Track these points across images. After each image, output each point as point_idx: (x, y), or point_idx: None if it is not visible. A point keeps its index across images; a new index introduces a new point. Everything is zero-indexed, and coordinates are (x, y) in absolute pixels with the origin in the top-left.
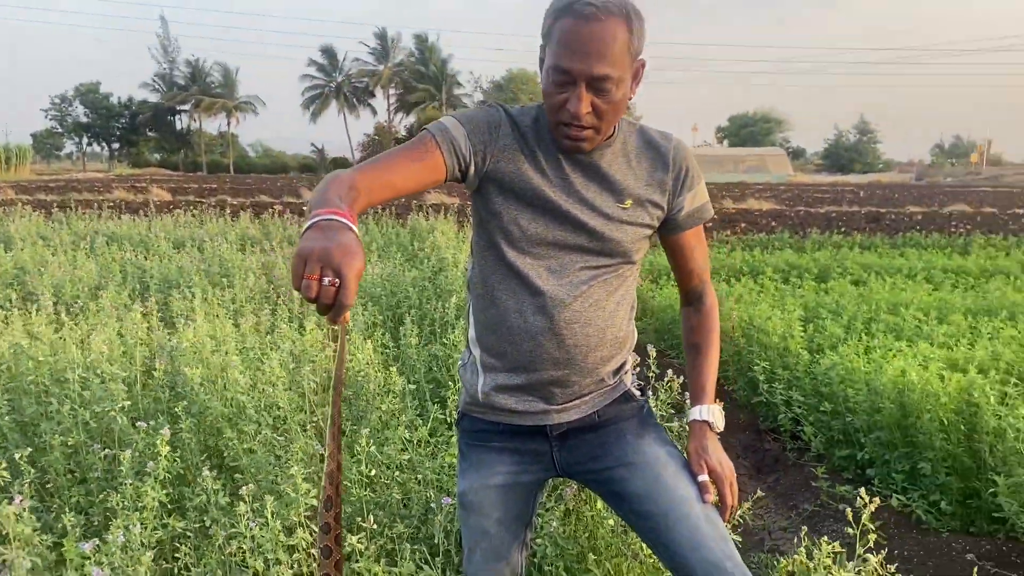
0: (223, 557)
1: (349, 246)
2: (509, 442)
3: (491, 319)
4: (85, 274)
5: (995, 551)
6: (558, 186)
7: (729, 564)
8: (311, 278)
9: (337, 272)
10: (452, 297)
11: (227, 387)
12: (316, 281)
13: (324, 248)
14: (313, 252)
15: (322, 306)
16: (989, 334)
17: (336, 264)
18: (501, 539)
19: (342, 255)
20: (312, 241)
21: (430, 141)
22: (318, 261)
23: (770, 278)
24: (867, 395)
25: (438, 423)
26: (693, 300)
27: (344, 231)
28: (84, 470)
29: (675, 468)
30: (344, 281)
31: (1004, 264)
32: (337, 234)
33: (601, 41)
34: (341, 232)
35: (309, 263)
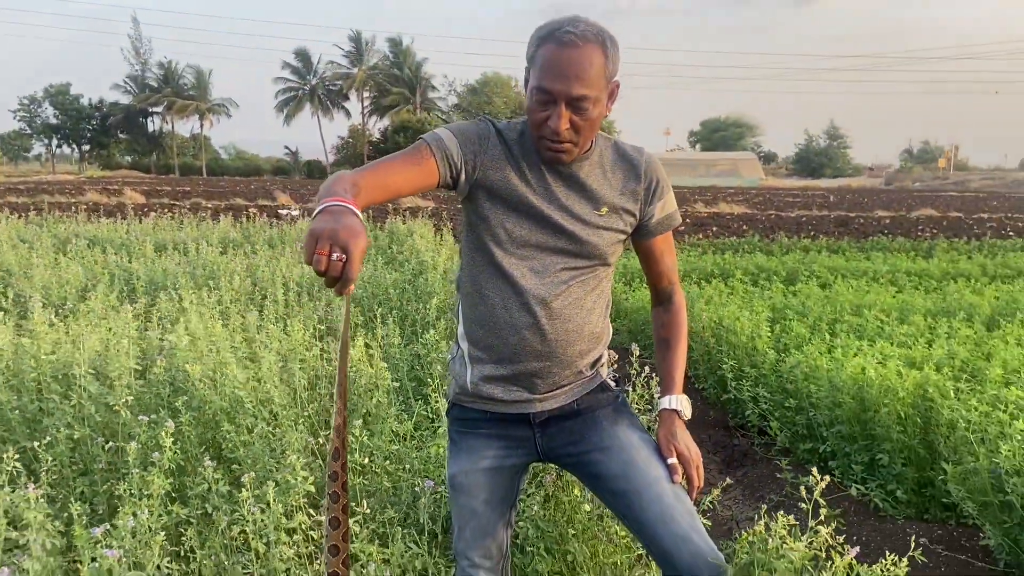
0: (226, 541)
1: (354, 227)
2: (496, 429)
3: (479, 315)
4: (72, 276)
5: (946, 536)
6: (541, 194)
7: (695, 536)
8: (321, 253)
9: (344, 249)
10: (433, 299)
11: (225, 383)
12: (326, 257)
13: (333, 228)
14: (323, 232)
15: (330, 279)
16: (947, 333)
17: (343, 242)
18: (488, 518)
19: (348, 235)
20: (322, 223)
21: (425, 149)
22: (328, 239)
23: (740, 280)
24: (828, 391)
25: (422, 418)
26: (663, 300)
27: (350, 215)
28: (88, 462)
29: (647, 452)
30: (350, 256)
31: (965, 267)
32: (343, 217)
33: (579, 66)
34: (347, 216)
35: (320, 241)
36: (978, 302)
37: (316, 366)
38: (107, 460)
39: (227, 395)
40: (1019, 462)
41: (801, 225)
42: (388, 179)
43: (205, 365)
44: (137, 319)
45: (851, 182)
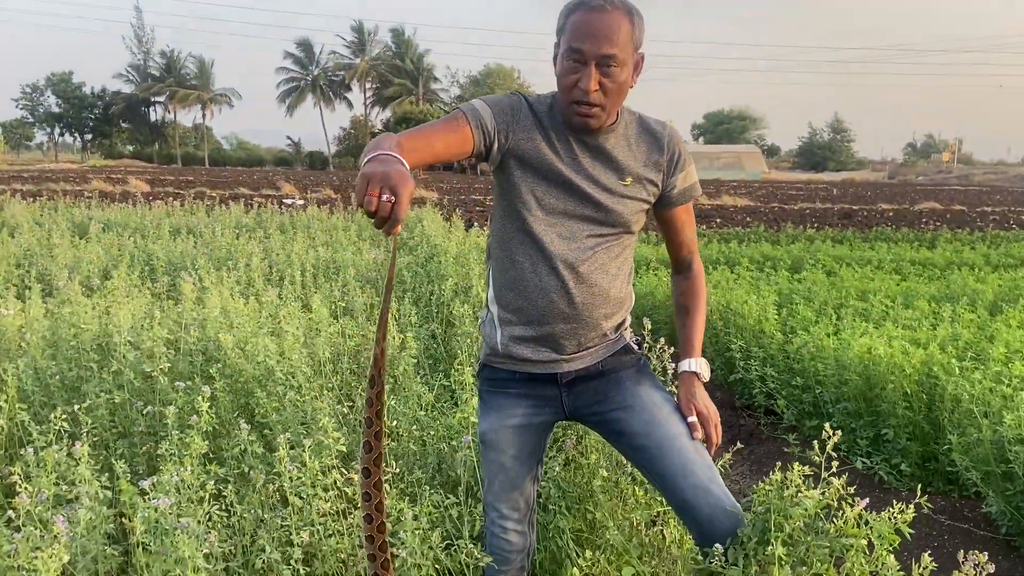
0: (262, 498)
1: (403, 172)
2: (524, 388)
3: (509, 279)
4: (95, 257)
5: (949, 507)
6: (569, 164)
7: (715, 487)
8: (372, 195)
9: (393, 191)
10: (447, 280)
11: (256, 352)
12: (376, 198)
13: (384, 172)
14: (375, 175)
15: (379, 219)
16: (950, 317)
17: (393, 184)
18: (517, 472)
19: (398, 178)
20: (373, 167)
21: (462, 118)
22: (379, 182)
23: (746, 268)
24: (835, 369)
25: (442, 389)
26: (683, 269)
27: (398, 163)
28: (127, 425)
29: (668, 410)
30: (398, 198)
31: (968, 257)
32: (393, 164)
33: (608, 27)
34: (396, 163)
35: (371, 183)
36: (981, 289)
37: (337, 342)
38: (145, 424)
39: (259, 364)
40: (1022, 431)
41: (805, 217)
42: (428, 143)
43: (236, 336)
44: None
45: (854, 175)
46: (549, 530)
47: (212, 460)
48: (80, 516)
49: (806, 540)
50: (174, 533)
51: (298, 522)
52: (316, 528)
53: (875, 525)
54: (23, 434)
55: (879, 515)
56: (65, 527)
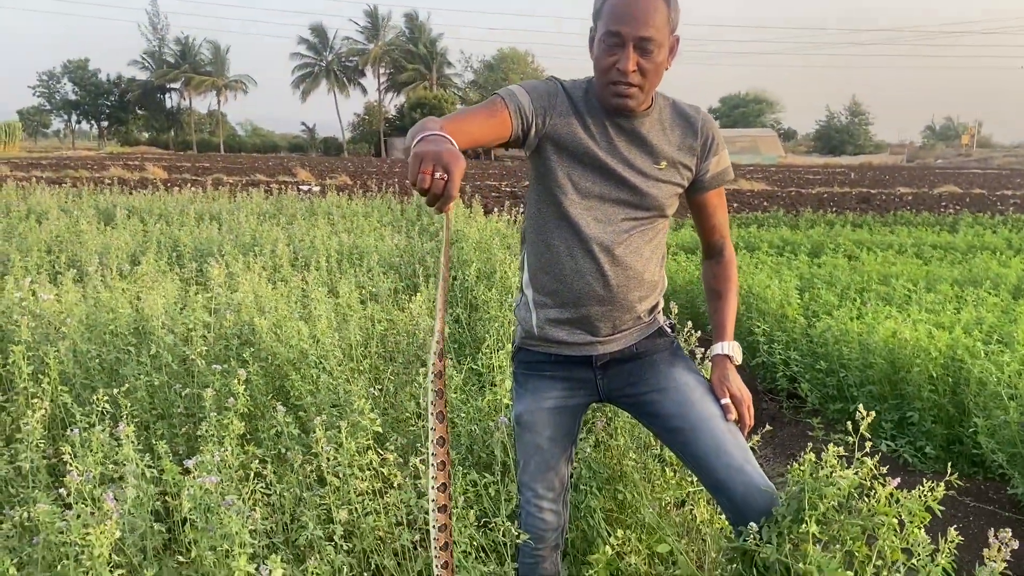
0: (300, 477)
1: (454, 151)
2: (560, 371)
3: (545, 262)
4: (123, 243)
5: (974, 489)
6: (605, 148)
7: (749, 467)
8: (425, 173)
9: (446, 169)
10: (472, 266)
11: (290, 336)
12: (429, 175)
13: (436, 151)
14: (428, 154)
15: (432, 196)
16: (974, 301)
17: (445, 162)
18: (551, 453)
19: (450, 156)
20: (424, 146)
21: (500, 103)
22: (432, 160)
23: (766, 253)
24: (860, 353)
25: (470, 373)
26: (715, 253)
27: (447, 142)
28: (165, 407)
29: (701, 392)
30: (451, 176)
31: (990, 241)
32: (444, 144)
33: (646, 10)
34: (446, 143)
35: (424, 162)
36: (1004, 272)
37: (366, 327)
38: (184, 405)
39: (293, 347)
40: None
41: (823, 201)
42: (469, 127)
43: (269, 320)
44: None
45: (872, 159)
46: (580, 510)
47: (249, 441)
48: (128, 494)
49: (839, 519)
50: (220, 510)
51: (336, 501)
52: (354, 507)
53: (906, 503)
54: (66, 416)
55: (910, 494)
56: (114, 504)
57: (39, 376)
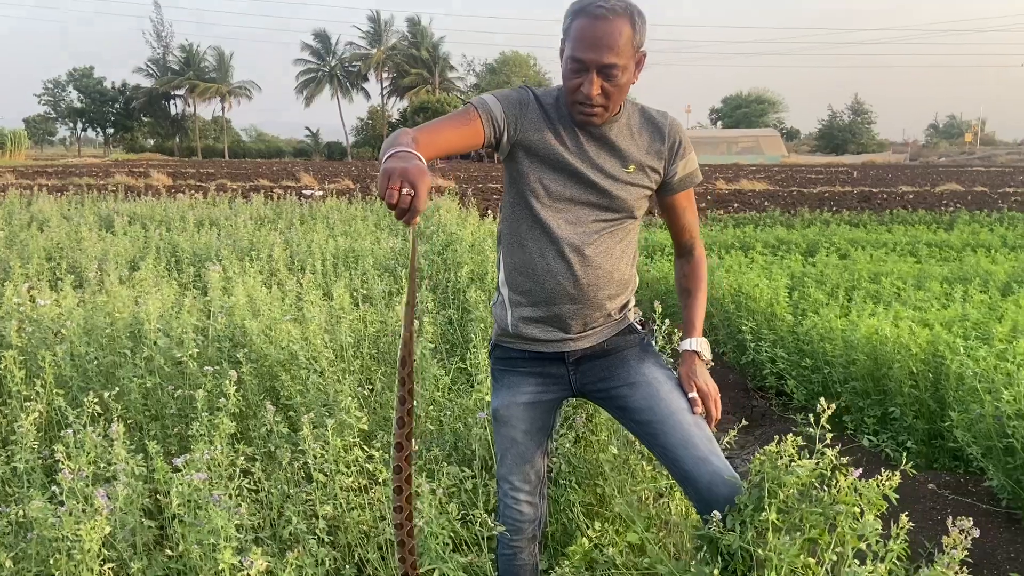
0: (288, 475)
1: (421, 168)
2: (534, 367)
3: (519, 262)
4: (123, 249)
5: (954, 482)
6: (575, 153)
7: (714, 458)
8: (393, 189)
9: (412, 185)
10: (463, 268)
11: (280, 338)
12: (397, 191)
13: (404, 168)
14: (396, 170)
15: (399, 210)
16: (962, 298)
17: (412, 179)
18: (527, 446)
19: (416, 172)
20: (393, 163)
21: (473, 111)
22: (399, 177)
23: (759, 252)
24: (844, 350)
25: (459, 372)
26: (685, 253)
27: (415, 158)
28: (158, 408)
29: (670, 386)
30: (417, 191)
31: (986, 238)
32: (412, 160)
33: (610, 36)
34: (414, 159)
35: (392, 178)
36: (994, 270)
37: (358, 329)
38: (176, 407)
39: (283, 348)
40: (1021, 406)
41: (823, 200)
42: (441, 136)
43: (260, 322)
44: (183, 287)
45: (875, 158)
46: (560, 503)
47: (240, 440)
48: (118, 491)
49: (800, 507)
50: (207, 506)
51: (322, 496)
52: (339, 502)
53: (864, 492)
54: (60, 418)
55: (868, 482)
56: (105, 501)
57: (34, 380)
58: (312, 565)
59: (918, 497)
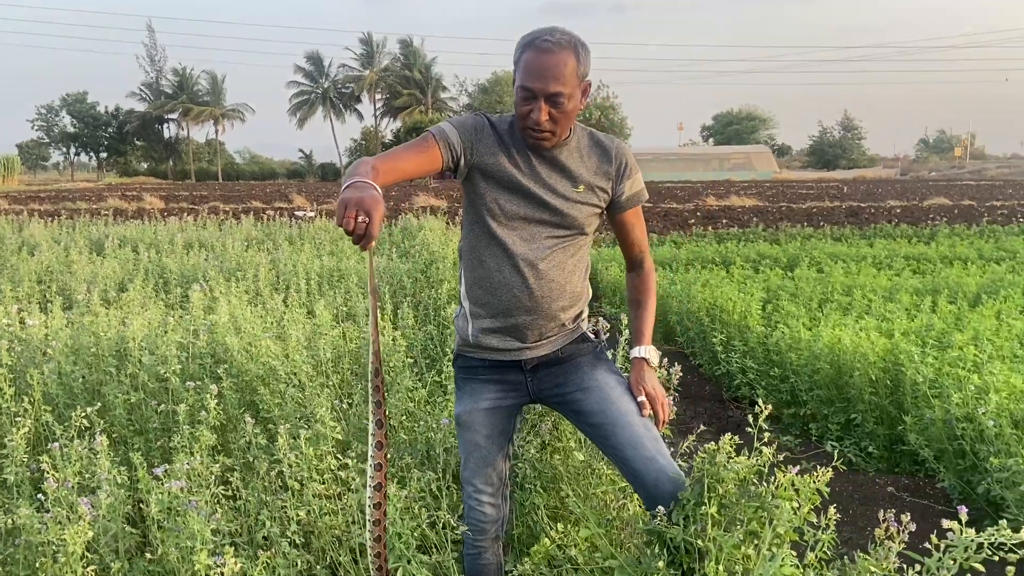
0: (265, 483)
1: (376, 197)
2: (493, 374)
3: (478, 277)
4: (111, 271)
5: (912, 485)
6: (528, 174)
7: (660, 457)
8: (350, 217)
9: (367, 213)
10: (444, 285)
11: (260, 354)
12: (353, 219)
13: (359, 197)
14: (352, 200)
15: (356, 236)
16: (930, 309)
17: (367, 208)
18: (489, 450)
19: (371, 202)
20: (350, 193)
21: (431, 139)
22: (355, 206)
23: (740, 267)
24: (808, 359)
25: (435, 386)
26: (635, 266)
27: (371, 188)
28: (142, 423)
29: (620, 391)
30: (371, 219)
31: (963, 251)
32: (367, 190)
33: (555, 68)
34: (370, 189)
35: (348, 207)
36: (966, 281)
37: (339, 345)
38: (160, 421)
39: (262, 364)
40: (970, 409)
41: (811, 216)
42: (400, 163)
43: (242, 339)
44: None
45: (866, 173)
46: (526, 507)
47: (220, 452)
48: (101, 500)
49: (739, 502)
50: (185, 512)
51: (296, 503)
52: (312, 508)
53: (801, 487)
54: (48, 433)
55: (803, 478)
56: (89, 509)
57: (22, 397)
58: (285, 567)
59: (877, 500)
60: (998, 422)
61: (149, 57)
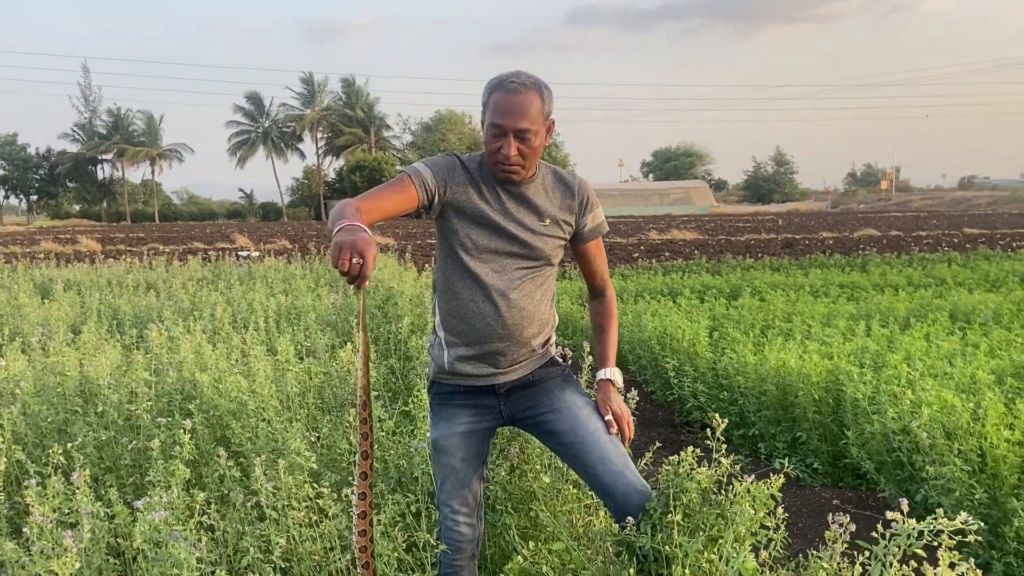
0: (242, 515)
1: (368, 239)
2: (468, 399)
3: (452, 307)
4: (64, 314)
5: (855, 497)
6: (497, 210)
7: (628, 472)
8: (344, 259)
9: (361, 255)
10: (404, 320)
11: (229, 389)
12: (348, 261)
13: (352, 240)
14: (346, 243)
15: (351, 277)
16: (864, 332)
17: (360, 250)
18: (465, 472)
19: (364, 244)
20: (343, 236)
21: (407, 179)
22: (349, 248)
23: (687, 298)
24: (756, 382)
25: (402, 416)
26: (598, 294)
27: (362, 231)
28: (113, 460)
29: (588, 411)
30: (365, 260)
31: (893, 279)
32: (358, 232)
33: (523, 106)
34: (361, 231)
35: (343, 250)
36: (896, 306)
37: (303, 380)
38: (131, 458)
39: (232, 399)
40: (905, 423)
41: (750, 248)
42: (380, 203)
43: (210, 375)
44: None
45: (799, 206)
46: (498, 527)
47: (195, 486)
48: (84, 534)
49: (702, 510)
50: (168, 543)
51: (275, 532)
52: (291, 535)
53: (756, 494)
54: (19, 473)
55: (758, 485)
56: (73, 542)
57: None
58: None
59: (824, 512)
60: (932, 433)
61: (83, 97)
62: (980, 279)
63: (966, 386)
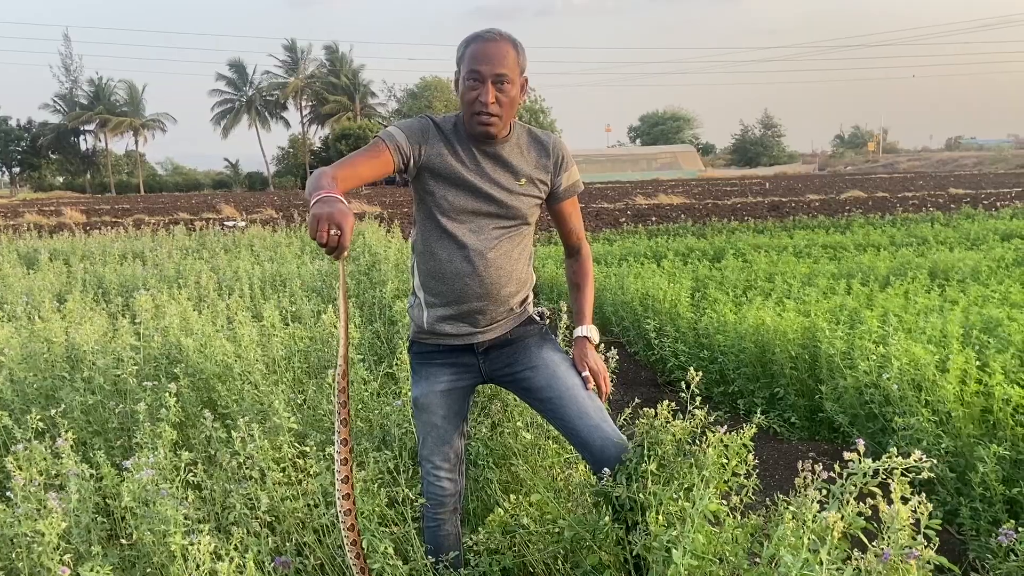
0: (228, 474)
1: (345, 210)
2: (448, 358)
3: (431, 268)
4: (48, 283)
5: (831, 450)
6: (473, 171)
7: (605, 425)
8: (323, 231)
9: (339, 226)
10: (387, 285)
11: (215, 353)
12: (326, 232)
13: (329, 212)
14: (323, 215)
15: (329, 248)
16: (844, 291)
17: (338, 221)
18: (445, 429)
19: (341, 215)
20: (320, 208)
21: (381, 144)
22: (327, 220)
23: (670, 261)
24: (734, 340)
25: (386, 378)
26: (574, 253)
27: (339, 202)
28: (100, 424)
29: (566, 367)
30: (343, 231)
31: (876, 239)
32: (335, 203)
33: (500, 53)
34: (337, 202)
35: (321, 222)
36: (877, 265)
37: (289, 344)
38: (118, 421)
39: (218, 362)
40: (875, 377)
41: (736, 211)
42: (357, 170)
43: (195, 340)
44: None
45: (787, 169)
46: (480, 482)
47: (181, 447)
48: (71, 494)
49: (675, 460)
50: (156, 500)
51: (259, 491)
52: (273, 493)
53: (730, 444)
54: (7, 438)
55: (732, 435)
56: (58, 503)
57: None
58: (256, 544)
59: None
60: (901, 386)
61: (64, 67)
62: (961, 238)
63: (937, 340)
